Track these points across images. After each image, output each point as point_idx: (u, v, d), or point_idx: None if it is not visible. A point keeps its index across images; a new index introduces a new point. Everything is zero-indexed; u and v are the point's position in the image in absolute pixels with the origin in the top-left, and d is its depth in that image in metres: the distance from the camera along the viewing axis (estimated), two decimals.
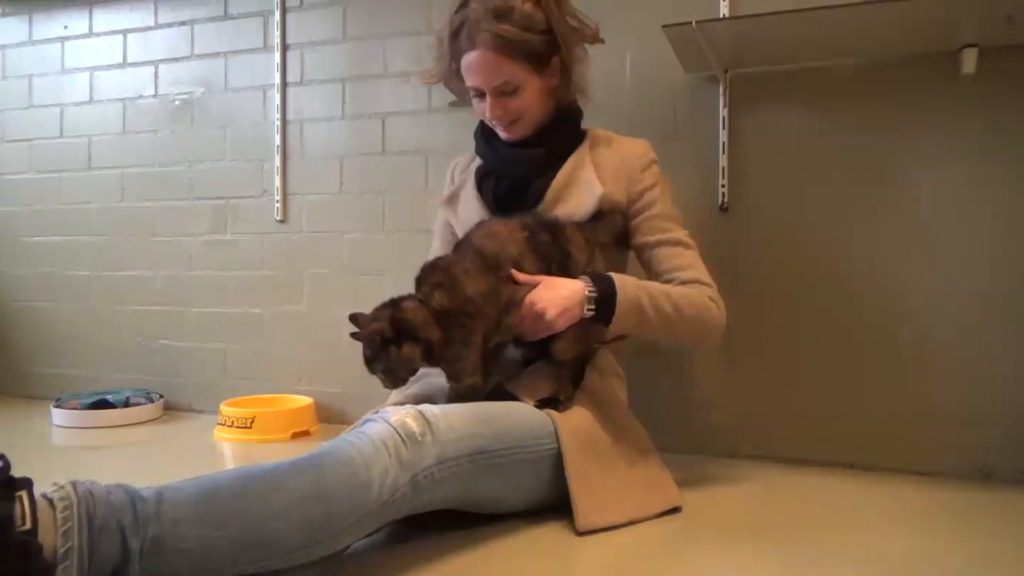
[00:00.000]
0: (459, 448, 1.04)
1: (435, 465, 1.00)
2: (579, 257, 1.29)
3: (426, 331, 1.14)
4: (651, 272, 1.37)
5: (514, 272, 1.23)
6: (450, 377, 1.20)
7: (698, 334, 1.32)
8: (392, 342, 1.13)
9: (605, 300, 1.21)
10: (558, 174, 1.38)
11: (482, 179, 1.47)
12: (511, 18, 1.29)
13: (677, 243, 1.35)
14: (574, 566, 1.06)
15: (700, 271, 1.34)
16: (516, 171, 1.42)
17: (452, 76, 1.42)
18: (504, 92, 1.33)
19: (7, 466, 0.75)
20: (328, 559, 0.91)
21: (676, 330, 1.28)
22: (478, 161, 1.51)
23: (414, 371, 1.18)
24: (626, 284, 1.23)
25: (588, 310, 1.21)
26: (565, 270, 1.26)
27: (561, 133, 1.42)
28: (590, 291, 1.21)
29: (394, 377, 1.16)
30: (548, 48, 1.34)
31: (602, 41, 1.44)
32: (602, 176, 1.37)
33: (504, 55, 1.29)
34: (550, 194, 1.37)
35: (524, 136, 1.40)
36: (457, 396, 1.22)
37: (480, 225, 1.30)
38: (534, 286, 1.21)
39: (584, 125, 1.48)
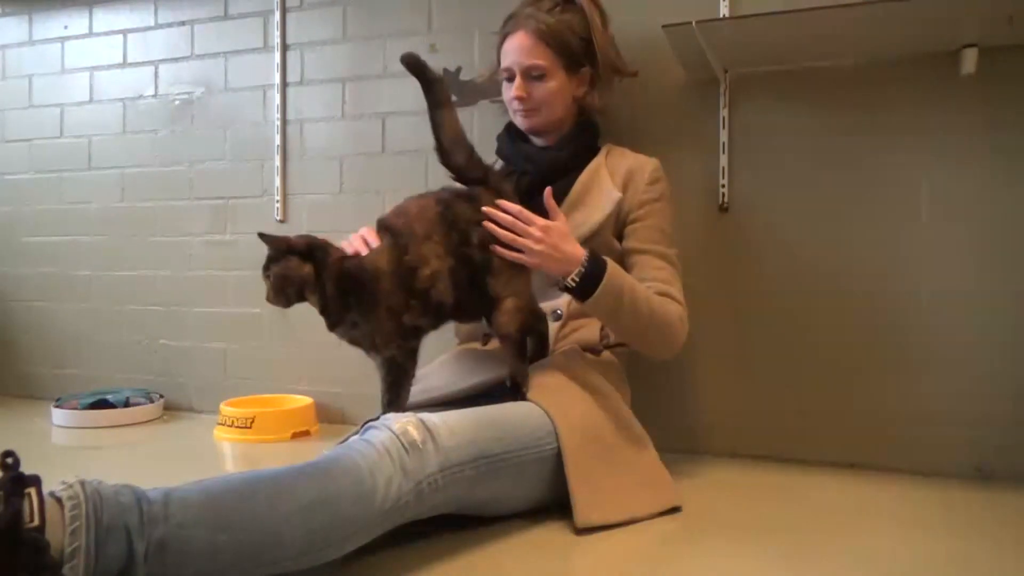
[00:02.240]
0: (462, 454, 1.04)
1: (438, 472, 1.01)
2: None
3: (329, 271, 1.17)
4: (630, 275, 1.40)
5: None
6: (371, 348, 1.23)
7: (657, 346, 1.36)
8: (296, 254, 1.17)
9: (590, 278, 1.23)
10: (580, 177, 1.46)
11: (504, 178, 1.50)
12: (555, 15, 1.44)
13: (662, 257, 1.41)
14: (574, 566, 1.06)
15: (676, 290, 1.39)
16: (539, 170, 1.47)
17: (492, 73, 1.59)
18: (532, 76, 1.44)
19: (17, 462, 0.75)
20: (330, 562, 0.91)
21: (640, 333, 1.33)
22: (498, 165, 1.57)
23: (300, 294, 1.18)
24: (614, 274, 1.26)
25: (572, 279, 1.24)
26: (485, 233, 1.24)
27: (582, 142, 1.51)
28: (582, 266, 1.24)
29: (279, 290, 1.17)
30: (582, 53, 1.47)
31: (635, 74, 1.58)
32: (614, 182, 1.45)
33: (541, 41, 1.42)
34: (571, 196, 1.45)
35: (539, 127, 1.50)
36: (384, 371, 1.22)
37: (402, 202, 1.30)
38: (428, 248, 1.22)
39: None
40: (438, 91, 1.26)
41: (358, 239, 1.30)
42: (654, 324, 1.31)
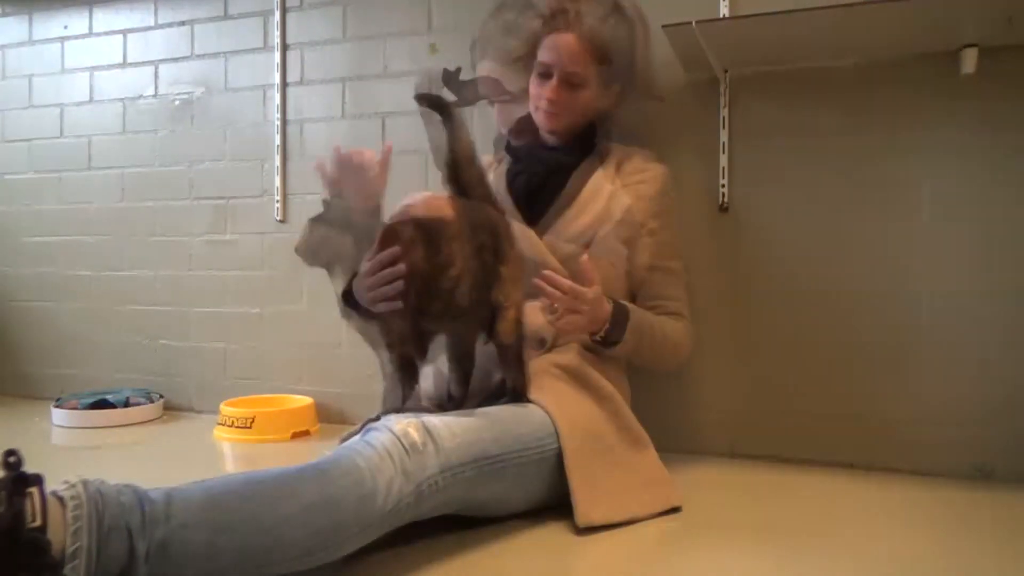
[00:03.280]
0: (463, 455, 1.04)
1: (439, 474, 1.01)
2: (507, 242, 1.27)
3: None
4: (640, 291, 1.47)
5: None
6: (382, 345, 1.21)
7: (669, 365, 1.49)
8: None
9: (615, 331, 1.32)
10: (589, 181, 1.46)
11: (513, 179, 1.51)
12: (608, 27, 1.42)
13: (672, 272, 1.49)
14: (574, 566, 1.06)
15: (684, 304, 1.49)
16: (543, 170, 1.48)
17: (521, 56, 1.52)
18: (570, 82, 1.43)
19: (19, 461, 0.75)
20: (330, 563, 0.91)
21: (655, 360, 1.44)
22: (505, 165, 1.56)
23: (332, 263, 1.14)
24: (635, 319, 1.34)
25: (599, 336, 1.32)
26: (496, 243, 1.23)
27: (586, 144, 1.52)
28: (608, 323, 1.31)
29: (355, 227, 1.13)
30: (620, 70, 1.46)
31: (662, 98, 1.59)
32: (624, 189, 1.46)
33: (590, 49, 1.40)
34: (580, 199, 1.44)
35: (556, 129, 1.49)
36: (392, 368, 1.19)
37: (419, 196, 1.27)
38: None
39: None
40: (454, 114, 1.26)
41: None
42: (668, 347, 1.42)
